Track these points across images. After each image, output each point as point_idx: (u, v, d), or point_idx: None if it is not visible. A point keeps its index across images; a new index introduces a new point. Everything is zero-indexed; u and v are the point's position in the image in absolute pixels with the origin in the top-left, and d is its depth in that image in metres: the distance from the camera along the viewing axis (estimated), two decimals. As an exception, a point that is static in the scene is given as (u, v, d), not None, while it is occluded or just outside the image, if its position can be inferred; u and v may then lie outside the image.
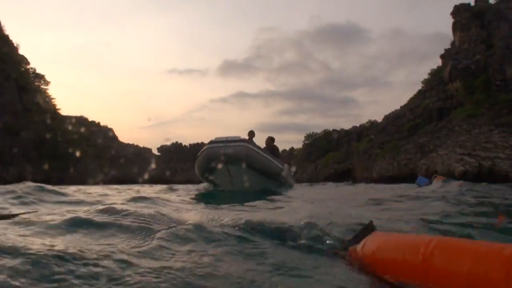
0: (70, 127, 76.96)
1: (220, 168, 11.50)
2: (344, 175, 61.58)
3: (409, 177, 41.54)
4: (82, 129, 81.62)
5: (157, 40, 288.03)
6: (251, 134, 13.83)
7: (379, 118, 75.42)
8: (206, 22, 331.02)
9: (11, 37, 75.47)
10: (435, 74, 62.43)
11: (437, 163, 41.16)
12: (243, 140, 11.63)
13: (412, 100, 64.60)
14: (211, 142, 11.83)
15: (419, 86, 65.83)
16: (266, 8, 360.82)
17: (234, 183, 11.59)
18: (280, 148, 15.70)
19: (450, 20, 59.80)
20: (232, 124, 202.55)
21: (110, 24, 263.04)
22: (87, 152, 76.02)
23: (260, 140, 14.56)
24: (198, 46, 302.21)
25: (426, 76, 66.17)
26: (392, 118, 63.90)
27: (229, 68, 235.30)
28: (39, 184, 6.35)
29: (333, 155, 74.52)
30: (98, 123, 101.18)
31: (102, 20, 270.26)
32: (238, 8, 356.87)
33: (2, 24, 74.56)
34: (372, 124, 76.59)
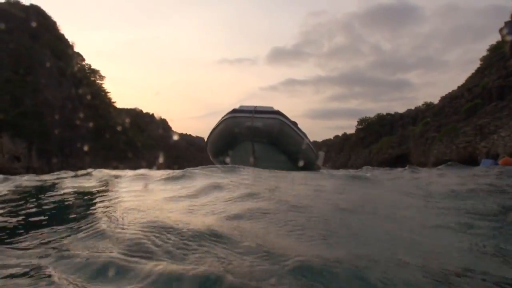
0: (126, 120, 79.32)
1: (242, 146, 9.11)
2: (399, 160, 59.77)
3: (469, 161, 39.70)
4: (137, 121, 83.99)
5: (205, 31, 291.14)
6: None
7: (435, 100, 72.52)
8: (253, 10, 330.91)
9: (66, 36, 78.51)
10: (495, 50, 59.07)
11: (499, 145, 39.01)
12: (276, 112, 9.02)
13: (470, 79, 61.59)
14: (234, 111, 9.42)
15: (477, 65, 62.54)
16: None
17: (257, 167, 8.58)
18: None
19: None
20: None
21: (158, 19, 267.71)
22: (143, 143, 78.07)
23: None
24: (246, 35, 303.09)
25: (485, 53, 62.68)
26: (449, 100, 61.23)
27: (278, 55, 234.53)
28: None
29: (387, 140, 72.50)
30: (152, 114, 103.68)
31: (150, 15, 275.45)
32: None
33: (58, 24, 77.63)
34: (428, 106, 73.75)
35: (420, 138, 58.14)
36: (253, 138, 8.66)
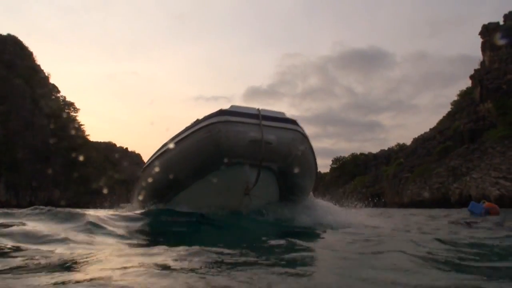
0: (97, 153, 78.07)
1: (230, 173, 5.31)
2: (373, 199, 60.20)
3: (442, 202, 40.25)
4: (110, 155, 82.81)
5: (183, 68, 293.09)
6: None
7: (406, 142, 74.19)
8: (231, 49, 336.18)
9: (42, 67, 77.81)
10: (465, 95, 61.25)
11: (471, 187, 39.80)
12: (292, 122, 5.59)
13: (441, 122, 63.36)
14: (223, 112, 5.39)
15: (446, 109, 64.86)
16: (289, 35, 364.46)
17: (244, 205, 5.52)
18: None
19: (474, 42, 59.19)
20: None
21: (137, 55, 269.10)
22: (113, 177, 76.63)
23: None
24: (223, 73, 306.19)
25: (454, 98, 65.08)
26: (422, 141, 62.63)
27: (253, 94, 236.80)
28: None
29: (361, 179, 73.24)
30: (126, 148, 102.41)
31: (129, 50, 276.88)
32: (261, 36, 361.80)
33: (34, 55, 77.01)
34: (401, 147, 75.26)
35: (393, 178, 58.93)
36: (259, 160, 5.16)
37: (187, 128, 5.74)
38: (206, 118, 5.53)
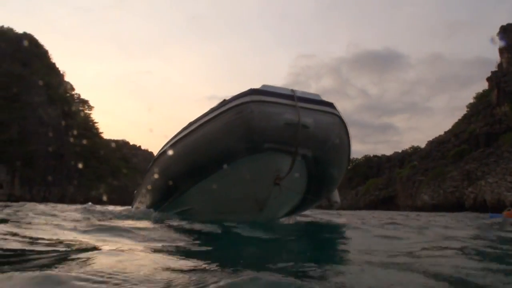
0: (112, 150, 78.71)
1: (260, 160, 4.64)
2: (386, 203, 59.72)
3: (456, 206, 39.72)
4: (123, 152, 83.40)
5: (197, 67, 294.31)
6: None
7: (420, 144, 73.46)
8: (244, 50, 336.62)
9: (57, 65, 78.68)
10: (481, 98, 60.37)
11: (486, 192, 39.18)
12: (330, 105, 5.00)
13: (456, 125, 62.57)
14: (256, 91, 4.73)
15: (461, 112, 64.14)
16: (303, 36, 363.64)
17: (272, 196, 4.82)
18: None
19: (490, 45, 57.87)
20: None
21: (151, 54, 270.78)
22: (127, 174, 77.19)
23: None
24: (237, 74, 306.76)
25: (469, 101, 64.21)
26: (436, 144, 61.91)
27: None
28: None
29: (374, 182, 72.63)
30: (139, 146, 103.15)
31: (144, 50, 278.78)
32: (276, 37, 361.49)
33: (50, 53, 77.87)
34: (415, 150, 74.49)
35: (407, 181, 58.31)
36: (294, 146, 4.55)
37: (212, 110, 5.08)
38: (235, 97, 4.86)
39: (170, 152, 5.50)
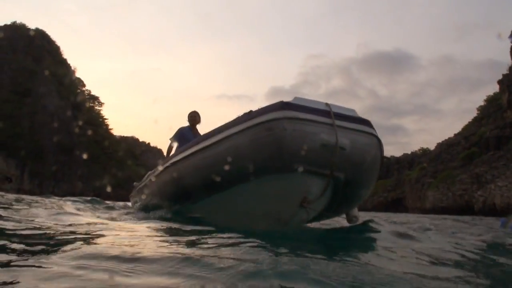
0: (122, 147, 79.10)
1: (290, 181, 4.33)
2: (394, 205, 59.50)
3: (466, 210, 39.47)
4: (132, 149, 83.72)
5: (206, 66, 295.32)
6: (194, 118, 7.46)
7: (430, 147, 73.04)
8: (254, 50, 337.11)
9: (69, 61, 79.19)
10: (492, 100, 59.90)
11: (496, 196, 38.87)
12: (367, 123, 4.77)
13: (466, 127, 62.13)
14: (289, 105, 4.35)
15: (471, 115, 63.65)
16: (314, 36, 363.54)
17: (296, 218, 4.61)
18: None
19: (502, 46, 57.40)
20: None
21: (161, 52, 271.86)
22: (136, 171, 77.51)
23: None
24: (246, 73, 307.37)
25: (479, 104, 63.78)
26: (446, 146, 61.50)
27: (276, 94, 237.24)
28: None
29: (383, 183, 72.32)
30: (148, 143, 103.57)
31: (153, 47, 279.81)
32: (286, 37, 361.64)
33: (61, 49, 78.40)
34: (425, 151, 74.10)
35: (416, 183, 57.99)
36: (329, 169, 4.27)
37: (238, 121, 4.57)
38: (265, 111, 4.37)
39: (188, 160, 5.12)
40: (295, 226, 4.62)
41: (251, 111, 4.52)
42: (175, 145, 7.28)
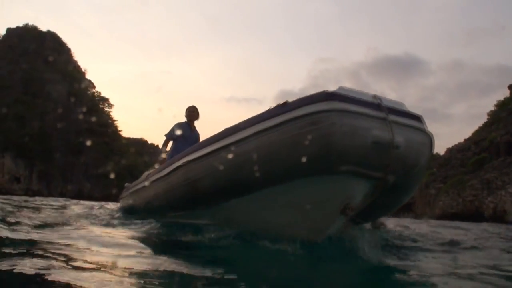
0: (131, 149, 79.33)
1: (333, 183, 3.60)
2: (403, 209, 58.98)
3: (476, 216, 39.03)
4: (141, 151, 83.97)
5: (216, 69, 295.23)
6: (192, 114, 6.91)
7: (439, 152, 72.46)
8: (264, 53, 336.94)
9: (79, 63, 79.76)
10: (503, 105, 59.39)
11: (506, 202, 38.43)
12: (419, 118, 4.21)
13: (477, 132, 61.58)
14: (336, 96, 3.51)
15: (481, 120, 63.11)
16: (323, 39, 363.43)
17: (335, 227, 3.97)
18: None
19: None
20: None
21: (171, 55, 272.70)
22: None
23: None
24: (256, 76, 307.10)
25: (490, 109, 63.23)
26: (456, 151, 60.99)
27: (285, 97, 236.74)
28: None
29: (391, 188, 71.91)
30: (157, 145, 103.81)
31: (164, 50, 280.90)
32: (295, 40, 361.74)
33: (72, 51, 78.95)
34: (434, 156, 73.56)
35: (425, 188, 57.50)
36: (383, 170, 3.52)
37: (271, 113, 3.81)
38: (305, 102, 3.63)
39: (206, 159, 4.35)
40: (331, 236, 3.96)
41: (286, 101, 3.84)
42: (170, 142, 6.77)
